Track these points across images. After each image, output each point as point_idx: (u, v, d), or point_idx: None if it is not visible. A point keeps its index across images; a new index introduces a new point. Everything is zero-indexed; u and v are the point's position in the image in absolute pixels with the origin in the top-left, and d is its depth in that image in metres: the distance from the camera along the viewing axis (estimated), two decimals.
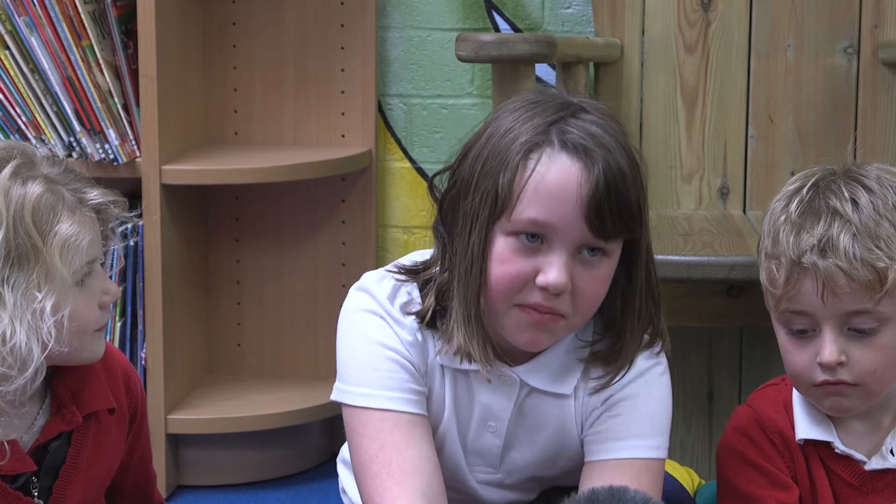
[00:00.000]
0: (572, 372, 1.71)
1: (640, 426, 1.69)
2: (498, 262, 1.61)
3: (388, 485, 1.63)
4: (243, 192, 2.73)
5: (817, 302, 1.59)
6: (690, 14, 2.50)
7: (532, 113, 1.63)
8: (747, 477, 1.68)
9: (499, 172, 1.60)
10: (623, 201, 1.59)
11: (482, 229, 1.61)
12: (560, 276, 1.58)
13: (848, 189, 1.62)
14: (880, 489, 1.66)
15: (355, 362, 1.70)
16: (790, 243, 1.60)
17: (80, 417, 1.62)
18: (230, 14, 2.71)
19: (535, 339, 1.64)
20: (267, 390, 2.68)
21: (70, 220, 1.54)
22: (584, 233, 1.59)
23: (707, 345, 2.59)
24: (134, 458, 1.74)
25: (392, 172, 2.75)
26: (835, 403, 1.64)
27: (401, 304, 1.70)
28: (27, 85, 2.44)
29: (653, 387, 1.71)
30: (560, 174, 1.58)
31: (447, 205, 1.68)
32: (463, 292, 1.64)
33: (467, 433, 1.74)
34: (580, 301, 1.62)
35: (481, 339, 1.65)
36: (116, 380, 1.69)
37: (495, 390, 1.71)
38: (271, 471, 2.64)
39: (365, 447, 1.66)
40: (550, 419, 1.73)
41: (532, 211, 1.59)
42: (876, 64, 2.46)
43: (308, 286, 2.75)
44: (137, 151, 2.48)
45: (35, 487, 1.60)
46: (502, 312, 1.63)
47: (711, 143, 2.50)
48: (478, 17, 2.69)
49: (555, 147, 1.60)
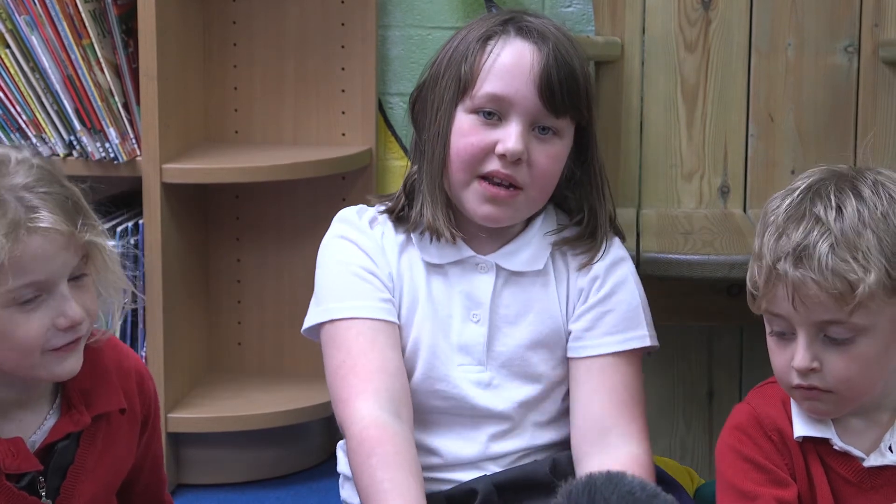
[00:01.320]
0: (542, 251, 1.86)
1: (634, 318, 1.85)
2: (460, 136, 1.80)
3: (354, 382, 1.77)
4: (244, 190, 2.73)
5: (790, 308, 1.59)
6: (691, 13, 2.50)
7: (490, 17, 1.86)
8: (746, 474, 1.67)
9: (461, 61, 1.81)
10: (572, 80, 1.79)
11: (447, 109, 1.81)
12: (517, 144, 1.77)
13: (837, 196, 1.60)
14: (879, 486, 1.66)
15: (322, 285, 1.87)
16: (770, 247, 1.60)
17: (88, 419, 1.61)
18: (230, 13, 2.71)
19: (494, 214, 1.81)
20: (267, 389, 2.68)
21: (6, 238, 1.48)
22: (537, 106, 1.78)
23: (707, 344, 2.59)
24: (147, 460, 1.74)
25: (392, 171, 2.75)
26: (811, 407, 1.65)
27: (369, 219, 1.88)
28: (28, 84, 2.44)
29: (632, 276, 1.87)
30: (514, 53, 1.80)
31: (418, 105, 1.88)
32: (428, 170, 1.83)
33: (450, 328, 1.83)
34: (536, 173, 1.79)
35: (446, 209, 1.82)
36: (130, 381, 1.68)
37: (473, 277, 1.84)
38: (271, 469, 2.64)
39: (332, 356, 1.82)
40: (532, 302, 1.85)
41: (490, 86, 1.79)
42: (876, 63, 2.46)
43: (308, 285, 2.74)
44: (138, 150, 2.48)
45: (42, 487, 1.60)
46: (464, 184, 1.81)
47: (712, 141, 2.50)
48: (478, 15, 2.68)
49: (510, 34, 1.81)
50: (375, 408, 1.74)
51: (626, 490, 1.50)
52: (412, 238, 1.86)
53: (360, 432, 1.73)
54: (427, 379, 1.83)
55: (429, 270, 1.85)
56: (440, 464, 1.83)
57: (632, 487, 1.50)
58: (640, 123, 2.51)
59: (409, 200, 1.87)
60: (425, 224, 1.83)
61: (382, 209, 1.89)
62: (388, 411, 1.74)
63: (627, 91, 2.50)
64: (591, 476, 1.52)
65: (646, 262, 2.08)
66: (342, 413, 1.78)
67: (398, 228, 1.87)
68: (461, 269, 1.85)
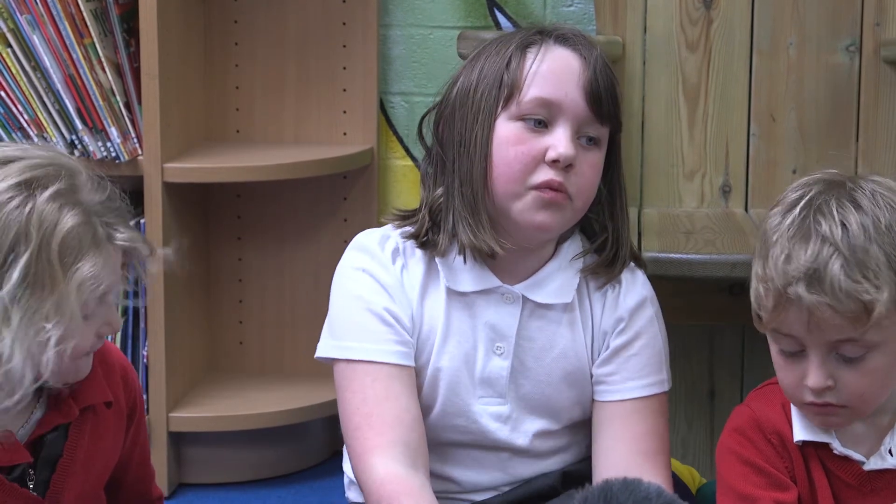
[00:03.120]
0: (570, 282, 1.81)
1: (657, 363, 1.82)
2: (509, 146, 1.73)
3: (369, 435, 1.72)
4: (245, 190, 2.73)
5: (803, 331, 1.58)
6: (692, 12, 2.50)
7: (514, 32, 1.80)
8: (745, 477, 1.67)
9: (501, 69, 1.74)
10: (614, 88, 1.76)
11: (486, 120, 1.74)
12: (569, 148, 1.71)
13: (839, 211, 1.58)
14: (879, 489, 1.66)
15: (339, 317, 1.79)
16: (778, 270, 1.57)
17: (76, 410, 1.62)
18: (232, 12, 2.71)
19: (549, 221, 1.74)
20: (268, 388, 2.69)
21: (94, 258, 1.52)
22: (585, 111, 1.74)
23: (709, 343, 2.59)
24: (135, 453, 1.75)
25: (394, 170, 2.75)
26: (823, 421, 1.64)
27: (392, 250, 1.80)
28: (29, 83, 2.44)
29: (657, 318, 1.84)
30: (559, 60, 1.75)
31: (442, 125, 1.80)
32: (465, 187, 1.74)
33: (475, 361, 1.79)
34: (581, 183, 1.74)
35: (489, 227, 1.74)
36: (114, 375, 1.69)
37: (499, 308, 1.79)
38: (273, 469, 2.64)
39: (348, 400, 1.75)
40: (557, 338, 1.80)
41: (538, 89, 1.73)
42: (878, 62, 2.46)
43: (310, 284, 2.75)
44: (139, 149, 2.48)
45: (31, 479, 1.60)
46: (515, 196, 1.73)
47: (713, 141, 2.50)
48: (479, 14, 2.69)
49: (550, 42, 1.77)
50: (391, 462, 1.69)
51: (643, 496, 1.50)
52: (437, 264, 1.79)
53: (378, 489, 1.68)
54: (446, 414, 1.79)
55: (451, 301, 1.79)
56: (458, 490, 1.82)
57: (648, 493, 1.50)
58: (642, 123, 2.51)
59: (434, 224, 1.79)
60: (464, 244, 1.75)
61: (405, 234, 1.81)
62: (403, 464, 1.69)
63: (629, 90, 2.50)
64: (607, 482, 1.52)
65: (647, 262, 2.07)
66: (357, 467, 1.73)
67: (423, 255, 1.79)
68: (486, 300, 1.79)
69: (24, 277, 1.48)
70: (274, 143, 2.73)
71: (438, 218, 1.78)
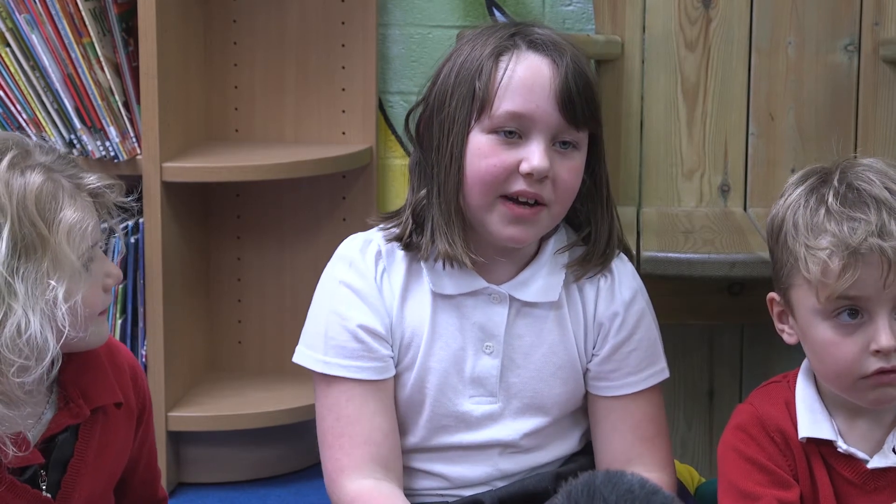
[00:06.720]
0: (555, 280, 1.81)
1: (654, 354, 1.84)
2: (480, 157, 1.72)
3: (339, 456, 1.76)
4: (244, 189, 2.73)
5: (877, 287, 1.58)
6: (691, 11, 2.50)
7: (492, 30, 1.78)
8: (748, 475, 1.67)
9: (473, 78, 1.73)
10: (588, 91, 1.74)
11: (459, 132, 1.73)
12: (542, 160, 1.70)
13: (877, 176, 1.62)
14: (882, 487, 1.66)
15: (316, 331, 1.80)
16: (845, 231, 1.58)
17: (87, 411, 1.62)
18: (231, 11, 2.71)
19: (519, 235, 1.74)
20: (268, 388, 2.69)
21: (72, 206, 1.55)
22: (558, 120, 1.72)
23: (708, 342, 2.59)
24: (143, 454, 1.75)
25: (393, 170, 2.76)
26: (882, 395, 1.62)
27: (374, 255, 1.80)
28: (28, 82, 2.44)
29: (648, 308, 1.85)
30: (531, 68, 1.73)
31: (423, 126, 1.80)
32: (442, 195, 1.75)
33: (464, 361, 1.79)
34: (560, 188, 1.73)
35: (463, 234, 1.75)
36: (124, 375, 1.69)
37: (487, 308, 1.79)
38: (272, 468, 2.64)
39: (323, 416, 1.79)
40: (546, 334, 1.81)
41: (509, 104, 1.71)
42: (877, 61, 2.46)
43: (309, 284, 2.72)
44: (138, 149, 2.48)
45: (43, 481, 1.60)
46: (487, 207, 1.73)
47: (712, 140, 2.50)
48: (478, 14, 2.69)
49: (522, 49, 1.74)
50: (361, 479, 1.75)
51: (626, 488, 1.50)
52: (422, 267, 1.79)
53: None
54: (435, 415, 1.80)
55: (436, 302, 1.79)
56: (448, 486, 1.83)
57: (631, 485, 1.51)
58: (641, 122, 2.51)
59: (417, 226, 1.79)
60: (439, 252, 1.75)
61: (390, 237, 1.81)
62: (373, 477, 1.75)
63: (628, 90, 2.50)
64: (590, 475, 1.53)
65: (646, 261, 2.08)
66: (329, 485, 1.79)
67: (406, 257, 1.80)
68: (474, 301, 1.79)
69: (14, 248, 1.50)
70: (273, 142, 2.73)
71: (422, 219, 1.79)
